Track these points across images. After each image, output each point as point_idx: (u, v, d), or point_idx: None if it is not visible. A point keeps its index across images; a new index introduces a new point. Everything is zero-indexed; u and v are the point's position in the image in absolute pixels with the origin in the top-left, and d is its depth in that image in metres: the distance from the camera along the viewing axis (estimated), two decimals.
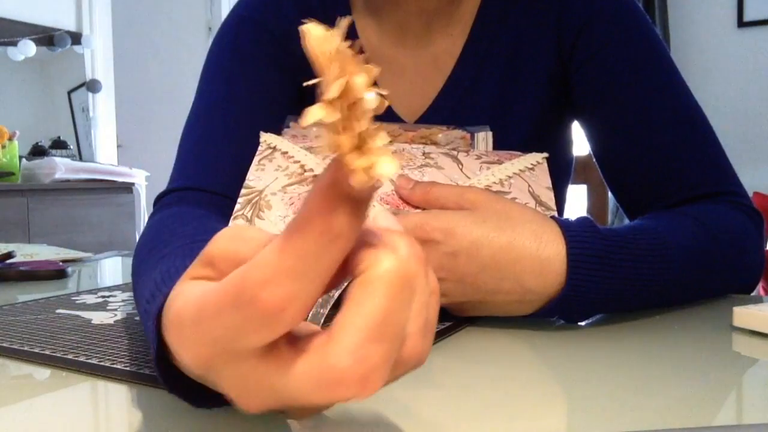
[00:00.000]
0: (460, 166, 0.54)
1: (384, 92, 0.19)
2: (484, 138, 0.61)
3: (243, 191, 0.53)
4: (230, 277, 0.20)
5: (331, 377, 0.20)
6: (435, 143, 0.60)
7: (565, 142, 0.75)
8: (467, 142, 0.61)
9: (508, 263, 0.44)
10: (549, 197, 0.53)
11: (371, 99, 0.19)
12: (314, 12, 0.71)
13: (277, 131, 0.61)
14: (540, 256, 0.44)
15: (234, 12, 0.74)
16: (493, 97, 0.69)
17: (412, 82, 0.71)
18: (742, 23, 2.75)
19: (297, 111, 0.85)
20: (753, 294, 0.59)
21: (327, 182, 0.19)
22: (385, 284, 0.20)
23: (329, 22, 0.20)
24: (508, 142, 0.66)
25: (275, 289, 0.19)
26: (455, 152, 0.57)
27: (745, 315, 0.44)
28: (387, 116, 0.70)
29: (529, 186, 0.53)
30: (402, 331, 0.20)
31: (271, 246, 0.20)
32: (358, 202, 0.19)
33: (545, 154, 0.57)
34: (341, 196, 0.19)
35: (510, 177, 0.54)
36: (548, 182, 0.54)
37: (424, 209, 0.48)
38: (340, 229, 0.19)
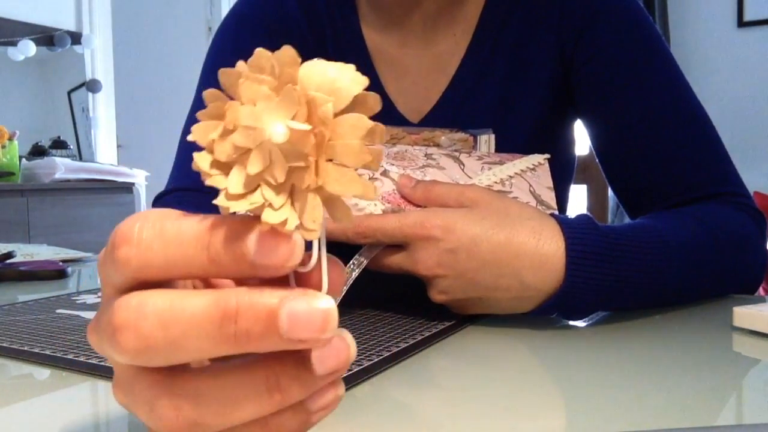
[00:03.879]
0: (462, 167, 0.55)
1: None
2: (487, 140, 0.61)
3: None
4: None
5: (113, 308, 0.20)
6: (437, 145, 0.60)
7: (568, 142, 0.75)
8: (470, 145, 0.61)
9: (508, 259, 0.44)
10: (550, 197, 0.53)
11: (278, 133, 0.18)
12: (318, 10, 0.71)
13: None
14: (539, 253, 0.44)
15: (235, 9, 0.73)
16: (496, 97, 0.69)
17: (416, 83, 0.71)
18: (742, 23, 2.75)
19: None
20: (754, 294, 0.59)
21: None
22: (208, 300, 0.19)
23: (333, 20, 0.19)
24: (510, 141, 0.66)
25: (131, 249, 0.20)
26: (457, 153, 0.57)
27: (746, 315, 0.44)
28: (391, 116, 0.70)
29: (531, 186, 0.53)
30: (187, 348, 0.19)
31: (185, 222, 0.20)
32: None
33: (547, 156, 0.57)
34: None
35: (511, 177, 0.54)
36: (549, 182, 0.54)
37: (425, 207, 0.48)
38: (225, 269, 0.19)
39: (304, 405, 0.21)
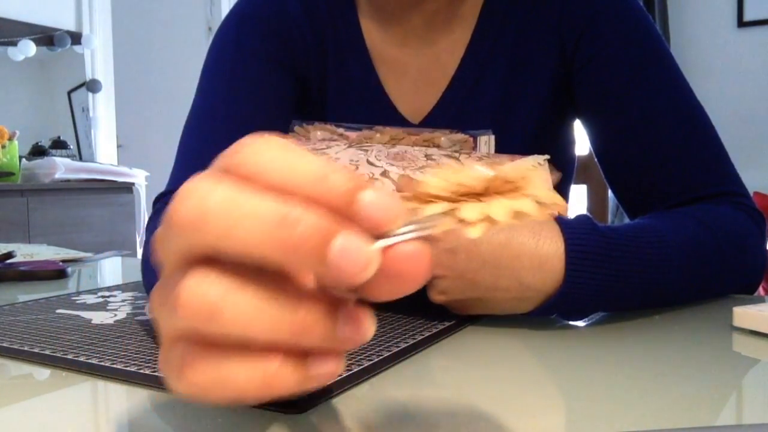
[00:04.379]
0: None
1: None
2: (487, 141, 0.61)
3: None
4: None
5: (182, 191, 0.21)
6: (438, 146, 0.60)
7: (567, 142, 0.75)
8: (470, 146, 0.61)
9: (507, 260, 0.44)
10: None
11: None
12: (319, 10, 0.71)
13: (279, 130, 0.61)
14: (538, 253, 0.44)
15: (236, 9, 0.73)
16: (496, 96, 0.69)
17: (416, 82, 0.71)
18: (742, 23, 2.75)
19: (299, 110, 0.84)
20: (754, 294, 0.59)
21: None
22: (276, 203, 0.20)
23: (334, 19, 0.20)
24: (510, 141, 0.66)
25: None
26: (457, 154, 0.57)
27: (746, 315, 0.44)
28: (391, 117, 0.70)
29: None
30: (236, 236, 0.20)
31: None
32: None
33: (546, 156, 0.57)
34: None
35: None
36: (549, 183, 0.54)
37: None
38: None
39: (306, 365, 0.22)
